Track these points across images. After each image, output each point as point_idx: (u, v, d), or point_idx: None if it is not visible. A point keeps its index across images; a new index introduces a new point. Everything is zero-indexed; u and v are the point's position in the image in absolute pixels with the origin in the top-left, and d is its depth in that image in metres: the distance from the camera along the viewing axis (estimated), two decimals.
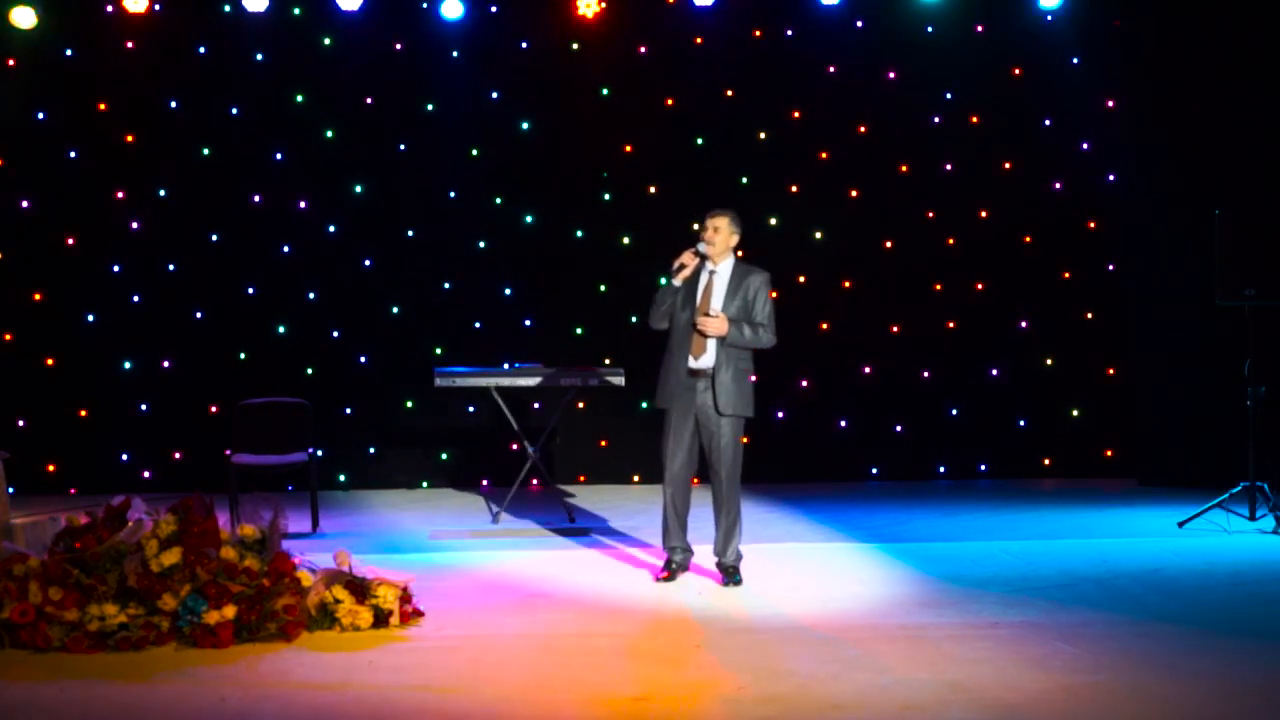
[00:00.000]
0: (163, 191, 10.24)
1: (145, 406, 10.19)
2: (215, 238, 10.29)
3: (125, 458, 10.17)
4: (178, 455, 10.05)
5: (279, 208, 10.30)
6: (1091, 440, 10.71)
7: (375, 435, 10.45)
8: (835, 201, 10.60)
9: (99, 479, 9.79)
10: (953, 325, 10.68)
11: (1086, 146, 10.66)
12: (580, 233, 10.53)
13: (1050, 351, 10.71)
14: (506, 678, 5.36)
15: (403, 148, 10.39)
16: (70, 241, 10.13)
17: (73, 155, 10.16)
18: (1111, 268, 10.68)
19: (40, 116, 10.15)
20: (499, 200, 10.46)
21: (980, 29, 10.60)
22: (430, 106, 10.42)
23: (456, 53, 10.39)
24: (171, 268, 10.26)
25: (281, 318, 10.32)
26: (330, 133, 10.35)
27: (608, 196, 10.51)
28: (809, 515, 9.08)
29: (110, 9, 10.04)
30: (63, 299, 10.15)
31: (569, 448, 10.48)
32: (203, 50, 10.24)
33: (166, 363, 10.20)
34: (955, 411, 10.71)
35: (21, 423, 9.78)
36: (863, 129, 10.65)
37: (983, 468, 10.79)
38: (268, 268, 10.33)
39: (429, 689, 5.23)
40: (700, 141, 10.56)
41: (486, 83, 10.43)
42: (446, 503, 9.89)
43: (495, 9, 10.41)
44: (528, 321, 10.47)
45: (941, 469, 10.77)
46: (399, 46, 10.34)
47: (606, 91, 10.51)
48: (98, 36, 10.12)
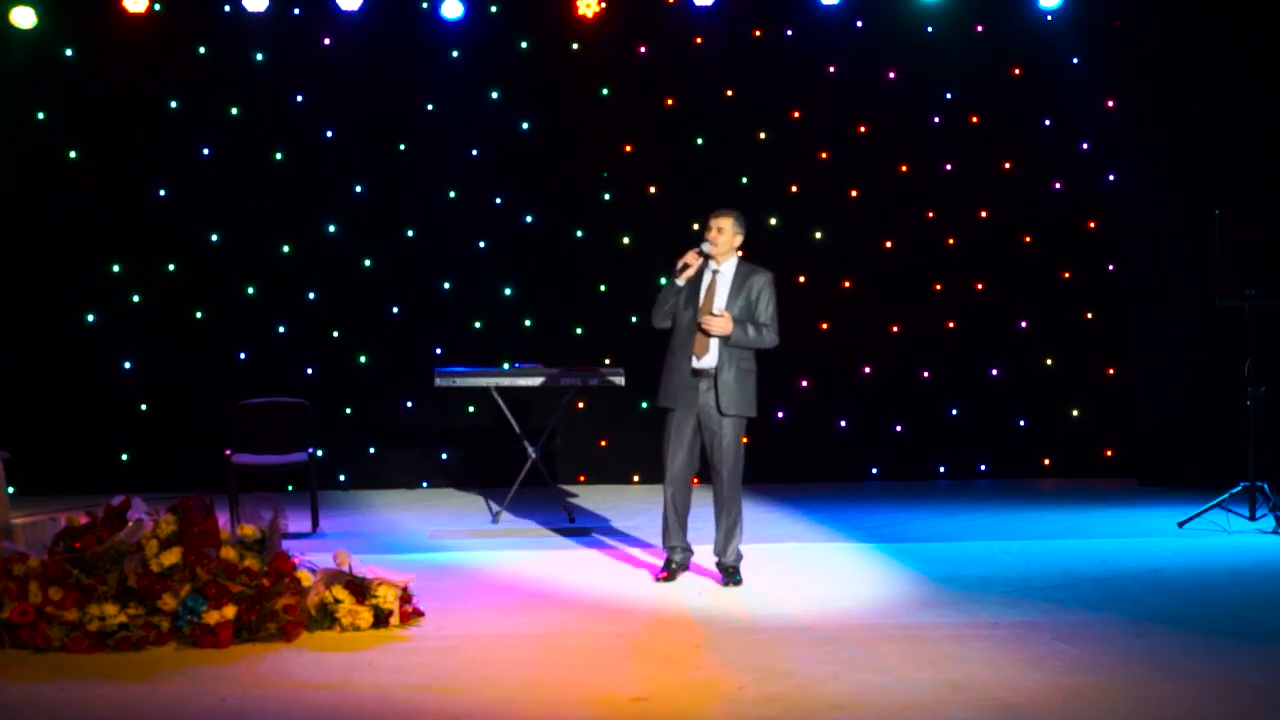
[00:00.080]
0: (163, 191, 10.25)
1: (145, 406, 10.20)
2: (215, 238, 10.30)
3: (125, 458, 10.18)
4: (178, 455, 10.05)
5: (279, 208, 10.30)
6: (1091, 440, 10.71)
7: (375, 435, 10.45)
8: (835, 201, 10.60)
9: (99, 479, 9.78)
10: (953, 325, 10.68)
11: (1086, 146, 10.67)
12: (580, 233, 10.53)
13: (1050, 351, 10.72)
14: (506, 678, 5.35)
15: (403, 148, 10.39)
16: (70, 241, 10.13)
17: (73, 155, 10.17)
18: (1111, 268, 10.68)
19: (40, 116, 10.16)
20: (499, 200, 10.47)
21: (980, 29, 10.61)
22: (430, 106, 10.42)
23: (456, 53, 10.40)
24: (171, 268, 10.27)
25: (281, 318, 10.32)
26: (330, 133, 10.36)
27: (608, 196, 10.51)
28: (809, 515, 9.09)
29: (110, 9, 10.03)
30: (63, 299, 10.15)
31: (569, 448, 10.48)
32: (203, 50, 10.24)
33: (166, 363, 10.21)
34: (955, 411, 10.71)
35: (21, 423, 9.78)
36: (863, 129, 10.65)
37: (983, 468, 10.79)
38: (268, 268, 10.33)
39: (429, 689, 5.23)
40: (700, 141, 10.56)
41: (486, 83, 10.44)
42: (446, 503, 9.89)
43: (495, 9, 10.42)
44: (528, 321, 10.47)
45: (941, 469, 10.77)
46: (399, 47, 10.34)
47: (606, 91, 10.52)
48: (98, 36, 10.13)
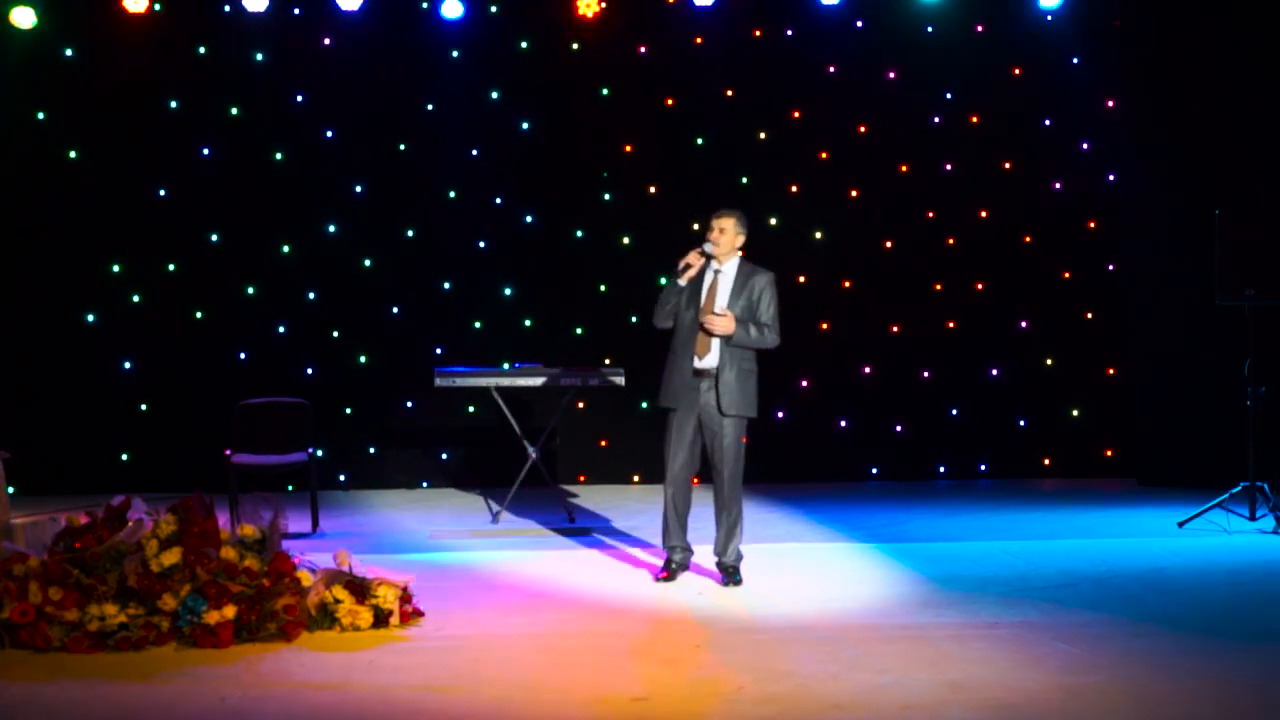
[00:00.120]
0: (163, 191, 10.25)
1: (145, 406, 10.20)
2: (215, 238, 10.30)
3: (125, 458, 10.18)
4: (178, 455, 10.05)
5: (279, 208, 10.30)
6: (1091, 440, 10.71)
7: (375, 435, 10.45)
8: (835, 201, 10.60)
9: (99, 479, 9.78)
10: (953, 325, 10.68)
11: (1086, 146, 10.67)
12: (580, 233, 10.53)
13: (1050, 351, 10.72)
14: (507, 678, 5.35)
15: (403, 148, 10.39)
16: (70, 241, 10.13)
17: (73, 155, 10.17)
18: (1111, 268, 10.68)
19: (40, 116, 10.15)
20: (499, 200, 10.47)
21: (980, 29, 10.61)
22: (430, 106, 10.42)
23: (456, 53, 10.40)
24: (171, 268, 10.27)
25: (281, 318, 10.32)
26: (330, 133, 10.36)
27: (608, 196, 10.51)
28: (809, 515, 9.08)
29: (110, 9, 10.03)
30: (63, 299, 10.15)
31: (569, 448, 10.48)
32: (203, 50, 10.24)
33: (166, 363, 10.21)
34: (955, 411, 10.71)
35: (21, 423, 9.78)
36: (863, 129, 10.65)
37: (983, 468, 10.79)
38: (268, 268, 10.33)
39: (429, 689, 5.23)
40: (700, 141, 10.56)
41: (486, 83, 10.44)
42: (446, 503, 9.89)
43: (495, 9, 10.42)
44: (528, 321, 10.47)
45: (941, 469, 10.77)
46: (399, 47, 10.33)
47: (606, 91, 10.52)
48: (98, 36, 10.13)
